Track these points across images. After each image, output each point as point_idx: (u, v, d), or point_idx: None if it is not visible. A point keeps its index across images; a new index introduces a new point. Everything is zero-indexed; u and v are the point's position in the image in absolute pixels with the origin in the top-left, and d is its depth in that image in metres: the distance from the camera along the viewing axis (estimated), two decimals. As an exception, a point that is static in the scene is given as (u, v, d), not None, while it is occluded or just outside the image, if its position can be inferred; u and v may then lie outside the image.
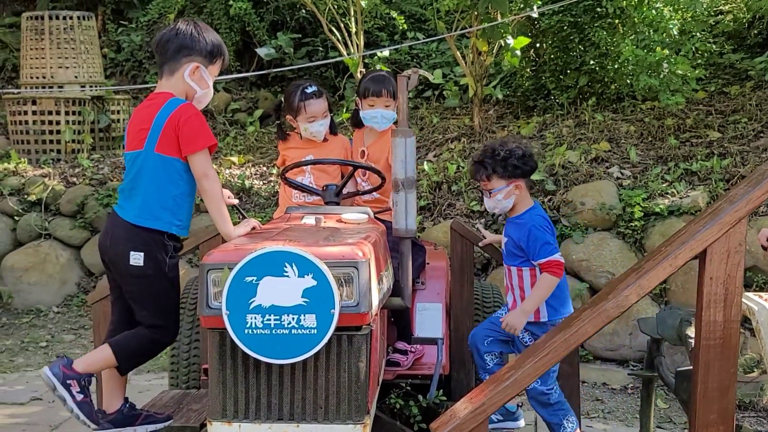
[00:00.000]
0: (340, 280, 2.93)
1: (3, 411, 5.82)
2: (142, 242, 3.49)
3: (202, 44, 3.55)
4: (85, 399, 3.47)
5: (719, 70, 9.24)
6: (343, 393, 3.00)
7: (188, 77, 3.54)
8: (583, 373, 6.11)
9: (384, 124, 4.53)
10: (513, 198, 4.15)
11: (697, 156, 7.48)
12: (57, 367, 3.44)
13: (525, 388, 2.87)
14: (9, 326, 8.01)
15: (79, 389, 3.44)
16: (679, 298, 6.55)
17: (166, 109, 3.45)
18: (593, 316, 2.75)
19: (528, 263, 4.10)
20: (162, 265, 3.52)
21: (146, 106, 3.55)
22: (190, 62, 3.54)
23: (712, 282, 2.77)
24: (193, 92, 3.58)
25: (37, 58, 9.76)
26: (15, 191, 8.82)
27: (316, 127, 4.47)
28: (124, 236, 3.52)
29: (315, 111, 4.44)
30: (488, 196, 4.18)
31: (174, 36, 3.52)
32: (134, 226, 3.50)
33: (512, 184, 4.12)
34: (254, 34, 11.06)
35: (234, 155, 9.17)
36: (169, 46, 3.53)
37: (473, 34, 8.26)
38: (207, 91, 3.62)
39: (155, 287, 3.52)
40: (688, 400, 3.39)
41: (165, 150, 3.45)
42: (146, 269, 3.49)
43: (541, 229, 4.05)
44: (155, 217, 3.49)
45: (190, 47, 3.52)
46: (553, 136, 8.19)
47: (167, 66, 3.55)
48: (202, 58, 3.56)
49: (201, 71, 3.56)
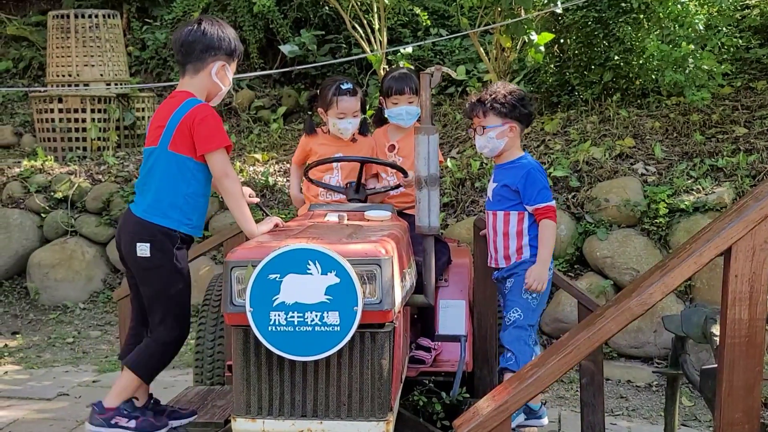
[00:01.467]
0: (363, 277, 2.95)
1: (30, 406, 5.88)
2: (148, 234, 3.52)
3: (226, 43, 3.60)
4: (139, 419, 3.54)
5: (745, 65, 9.16)
6: (366, 390, 3.01)
7: (215, 75, 3.60)
8: (608, 371, 6.09)
9: (409, 121, 4.57)
10: (505, 140, 4.17)
11: (723, 152, 7.42)
12: (95, 419, 3.51)
13: (548, 385, 2.86)
14: (36, 322, 8.09)
15: (127, 419, 3.51)
16: (704, 295, 6.50)
17: (183, 108, 3.48)
18: (617, 314, 2.74)
19: (518, 207, 4.14)
20: (170, 255, 3.52)
21: (166, 103, 3.60)
22: (216, 61, 3.59)
23: (737, 280, 2.75)
24: (218, 89, 3.63)
25: (63, 56, 9.85)
26: (42, 188, 8.90)
27: (343, 125, 4.48)
28: (132, 230, 3.56)
29: (346, 108, 4.46)
30: (481, 133, 4.19)
31: (201, 36, 3.56)
32: (142, 220, 3.54)
33: (507, 125, 4.15)
34: (278, 32, 11.09)
35: (258, 152, 9.20)
36: (196, 47, 3.57)
37: (497, 30, 8.23)
38: (228, 87, 3.70)
39: (164, 279, 3.53)
40: (712, 399, 3.36)
41: (178, 148, 3.48)
42: (153, 260, 3.51)
43: (540, 173, 4.13)
44: (164, 215, 3.53)
45: (217, 47, 3.58)
46: (577, 132, 8.15)
47: (192, 65, 3.60)
48: (226, 56, 3.62)
49: (225, 69, 3.63)
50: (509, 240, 4.17)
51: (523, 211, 4.14)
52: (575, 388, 6.07)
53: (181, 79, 3.67)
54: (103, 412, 3.53)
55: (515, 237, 4.16)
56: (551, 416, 5.52)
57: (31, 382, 6.45)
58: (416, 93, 4.51)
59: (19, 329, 7.91)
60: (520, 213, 4.15)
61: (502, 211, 4.18)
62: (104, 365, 6.84)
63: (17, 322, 8.10)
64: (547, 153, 7.91)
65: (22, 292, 8.63)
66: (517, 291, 4.15)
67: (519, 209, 4.15)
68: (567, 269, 7.09)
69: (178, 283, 3.57)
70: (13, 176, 9.09)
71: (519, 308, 4.13)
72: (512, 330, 4.10)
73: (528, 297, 4.13)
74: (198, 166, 3.53)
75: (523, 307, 4.12)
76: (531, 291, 4.09)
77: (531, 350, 4.08)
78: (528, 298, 4.13)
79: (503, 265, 4.23)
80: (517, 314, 4.11)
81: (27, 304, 8.46)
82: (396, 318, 3.14)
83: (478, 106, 4.18)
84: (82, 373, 6.69)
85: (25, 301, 8.50)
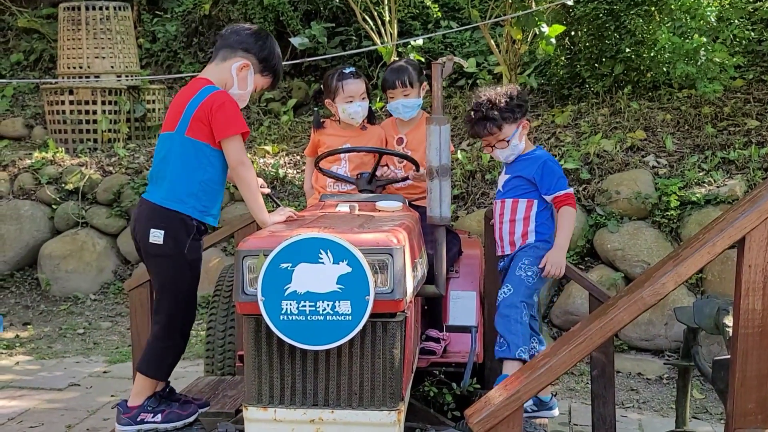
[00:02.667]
0: (374, 266, 2.94)
1: (42, 396, 5.91)
2: (162, 220, 3.48)
3: (263, 50, 3.61)
4: (164, 412, 3.55)
5: (757, 57, 9.10)
6: (377, 379, 3.01)
7: (235, 70, 3.58)
8: (618, 363, 6.08)
9: (407, 113, 4.54)
10: (524, 137, 4.25)
11: (734, 144, 7.39)
12: (121, 419, 3.53)
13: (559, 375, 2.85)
14: (47, 313, 8.12)
15: (152, 414, 3.53)
16: (716, 287, 6.48)
17: (201, 94, 3.47)
18: (629, 303, 2.73)
19: (529, 195, 4.17)
20: (182, 245, 3.49)
21: (185, 89, 3.59)
22: (243, 58, 3.58)
23: (751, 270, 2.74)
24: (232, 85, 3.59)
25: (73, 48, 9.85)
26: (52, 180, 8.92)
27: (354, 108, 4.46)
28: (147, 215, 3.53)
29: (353, 90, 4.45)
30: (504, 146, 4.20)
31: (246, 34, 3.59)
32: (158, 206, 3.50)
33: (521, 125, 4.21)
34: (288, 24, 11.07)
35: (268, 144, 9.21)
36: (235, 37, 3.59)
37: (507, 22, 8.21)
38: (244, 93, 3.64)
39: (172, 268, 3.51)
40: (725, 390, 3.35)
41: (195, 134, 3.46)
42: (165, 248, 3.47)
43: (555, 164, 4.21)
44: (180, 201, 3.49)
45: (251, 46, 3.59)
46: (588, 124, 8.12)
47: (223, 51, 3.61)
48: (256, 61, 3.60)
49: (248, 71, 3.60)
50: (515, 225, 4.19)
51: (533, 199, 4.16)
52: (586, 380, 6.07)
53: (209, 63, 3.68)
54: (128, 411, 3.54)
55: (521, 222, 4.17)
56: (562, 408, 5.52)
57: (43, 373, 6.47)
58: (412, 85, 4.49)
59: (31, 320, 7.95)
60: (529, 200, 4.17)
61: (511, 198, 4.20)
62: (115, 356, 6.86)
63: (28, 313, 8.13)
64: (557, 145, 7.89)
65: (33, 283, 8.66)
66: (512, 270, 4.14)
67: (530, 197, 4.16)
68: (578, 261, 7.07)
69: (186, 275, 3.54)
70: (24, 168, 9.11)
71: (511, 285, 4.09)
72: (501, 310, 4.06)
73: (522, 274, 4.09)
74: (215, 153, 3.50)
75: (516, 283, 4.08)
76: (549, 276, 4.10)
77: (523, 328, 3.99)
78: (522, 275, 4.09)
79: (508, 252, 4.23)
80: (507, 290, 4.08)
81: (38, 295, 8.49)
82: (407, 307, 3.14)
83: (489, 123, 4.14)
84: (93, 363, 6.72)
85: (36, 292, 8.53)
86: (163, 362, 3.58)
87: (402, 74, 4.50)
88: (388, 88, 4.54)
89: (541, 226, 4.17)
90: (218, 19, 11.62)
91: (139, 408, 3.54)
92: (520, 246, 4.19)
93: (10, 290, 8.56)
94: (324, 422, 3.01)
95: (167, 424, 3.52)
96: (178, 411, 3.58)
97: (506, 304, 4.05)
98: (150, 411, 3.53)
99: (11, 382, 6.23)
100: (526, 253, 4.16)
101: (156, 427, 3.51)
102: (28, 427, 5.32)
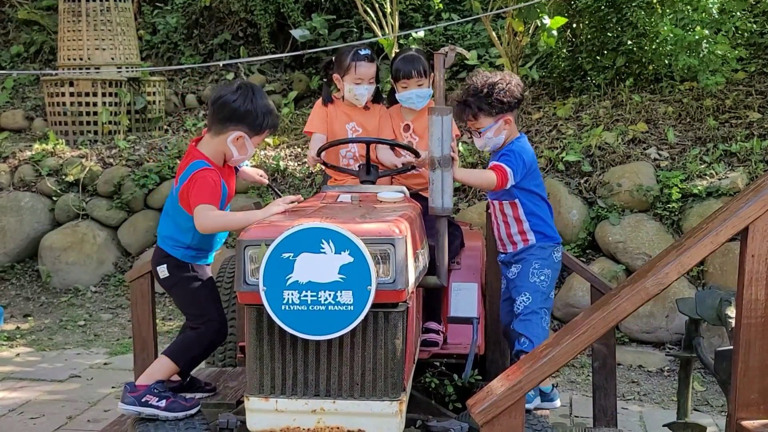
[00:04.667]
0: (376, 256, 2.94)
1: (42, 388, 5.90)
2: (163, 257, 3.78)
3: (252, 116, 3.66)
4: (169, 400, 3.59)
5: (759, 50, 9.08)
6: (379, 370, 3.01)
7: (230, 143, 3.68)
8: (619, 356, 6.06)
9: (420, 103, 4.52)
10: (504, 134, 4.05)
11: (736, 137, 7.38)
12: (126, 397, 3.59)
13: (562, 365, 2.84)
14: (48, 305, 8.12)
15: (157, 398, 3.57)
16: (717, 280, 6.47)
17: (187, 171, 3.65)
18: (632, 293, 2.72)
19: (506, 197, 4.07)
20: (186, 269, 3.75)
21: (188, 151, 3.78)
22: (235, 131, 3.66)
23: (754, 260, 2.73)
24: (231, 155, 3.72)
25: (74, 40, 9.83)
26: (53, 172, 8.91)
27: (360, 90, 4.47)
28: (155, 258, 3.85)
29: (363, 74, 4.45)
30: (478, 135, 4.09)
31: (230, 101, 3.64)
32: (159, 247, 3.84)
33: (500, 120, 4.02)
34: (289, 16, 11.05)
35: (268, 136, 9.18)
36: (223, 110, 3.66)
37: (509, 14, 8.18)
38: (246, 156, 3.77)
39: (187, 289, 3.75)
40: (727, 381, 3.35)
41: (183, 203, 3.68)
42: (172, 278, 3.76)
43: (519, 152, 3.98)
44: (174, 248, 3.77)
45: (240, 118, 3.65)
46: (590, 117, 8.11)
47: (215, 127, 3.71)
48: (249, 129, 3.68)
49: (244, 140, 3.69)
50: (510, 227, 4.14)
51: (511, 199, 4.08)
52: (587, 372, 6.07)
53: (204, 131, 3.80)
54: (135, 391, 3.59)
55: (515, 223, 4.12)
56: (563, 400, 5.52)
57: (43, 364, 6.47)
58: (425, 75, 4.46)
59: (31, 312, 7.94)
60: (512, 202, 4.09)
61: (497, 201, 4.16)
62: (116, 348, 6.86)
63: (29, 305, 8.12)
64: (559, 138, 7.87)
65: (33, 275, 8.65)
66: (525, 276, 4.10)
67: (510, 198, 4.09)
68: (579, 254, 7.07)
69: (201, 290, 3.75)
70: (24, 160, 9.10)
71: (527, 292, 4.06)
72: (524, 316, 4.05)
73: (536, 280, 4.07)
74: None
75: (532, 290, 4.06)
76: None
77: (545, 333, 4.03)
78: (536, 281, 4.07)
79: (511, 250, 4.19)
80: (526, 298, 4.06)
81: (38, 287, 8.49)
82: (409, 298, 3.13)
83: (466, 110, 4.04)
84: (93, 355, 6.72)
85: (36, 284, 8.52)
86: (191, 354, 3.76)
87: (417, 64, 4.46)
88: (402, 78, 4.47)
89: (536, 225, 4.10)
90: (219, 11, 11.60)
91: (146, 389, 3.58)
92: (524, 246, 4.13)
93: (11, 282, 8.56)
94: (325, 412, 3.01)
95: (168, 413, 3.52)
96: (182, 402, 3.59)
97: (527, 311, 4.03)
98: (156, 395, 3.56)
99: (12, 374, 6.22)
100: (534, 256, 4.10)
101: (157, 414, 3.51)
102: (28, 418, 5.32)
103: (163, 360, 3.72)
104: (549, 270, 4.12)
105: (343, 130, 4.54)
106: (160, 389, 3.60)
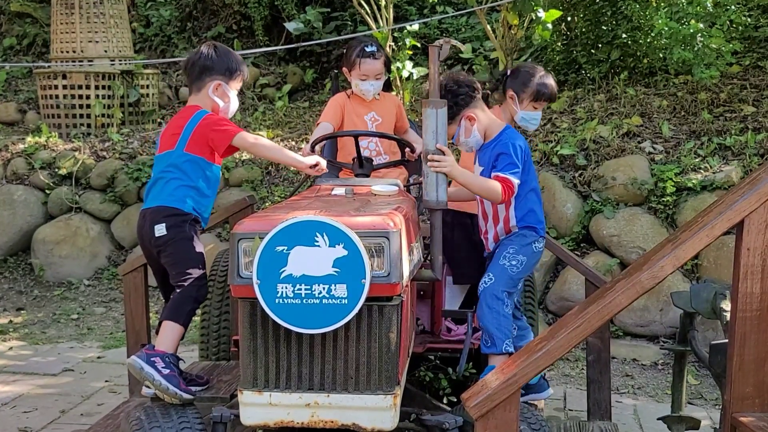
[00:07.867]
0: (371, 250, 2.92)
1: (36, 381, 5.89)
2: (164, 216, 3.82)
3: (221, 64, 3.96)
4: (172, 372, 3.57)
5: (754, 43, 9.08)
6: (373, 363, 2.99)
7: (212, 93, 3.94)
8: (613, 349, 6.06)
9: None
10: (475, 130, 3.86)
11: (731, 130, 7.38)
12: (141, 353, 3.65)
13: (557, 359, 2.84)
14: (41, 299, 8.09)
15: (165, 365, 3.57)
16: (711, 273, 6.47)
17: (196, 117, 3.87)
18: (627, 287, 2.71)
19: None
20: (183, 229, 3.83)
21: (178, 116, 3.98)
22: (212, 81, 3.94)
23: (750, 253, 2.72)
24: (217, 106, 3.96)
25: (67, 32, 9.78)
26: (46, 165, 8.88)
27: (365, 86, 4.53)
28: (150, 218, 3.86)
29: (368, 70, 4.51)
30: (454, 143, 3.98)
31: (197, 59, 3.96)
32: (160, 206, 3.84)
33: (462, 120, 3.85)
34: (283, 9, 11.01)
35: (263, 130, 9.16)
36: (195, 69, 3.96)
37: (504, 7, 8.16)
38: (229, 104, 4.00)
39: (181, 246, 3.81)
40: (721, 374, 3.35)
41: (192, 150, 3.84)
42: (169, 235, 3.80)
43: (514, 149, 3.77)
44: (180, 201, 3.83)
45: (211, 68, 3.94)
46: (584, 110, 8.10)
47: (194, 84, 3.98)
48: (222, 76, 3.96)
49: (223, 87, 3.96)
50: (498, 226, 3.94)
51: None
52: (581, 366, 6.07)
53: (189, 96, 4.07)
54: (151, 349, 3.65)
55: (503, 223, 3.92)
56: (557, 394, 5.53)
57: (36, 358, 6.45)
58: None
59: (24, 305, 7.92)
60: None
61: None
62: (109, 341, 6.84)
63: (22, 299, 8.10)
64: (553, 131, 7.86)
65: (26, 268, 8.63)
66: (496, 258, 3.86)
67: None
68: (573, 247, 7.06)
69: (195, 247, 3.82)
70: (17, 152, 9.06)
71: (492, 273, 3.80)
72: (483, 301, 3.79)
73: (506, 263, 3.81)
74: (208, 165, 3.89)
75: (497, 272, 3.79)
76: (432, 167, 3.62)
77: (506, 320, 3.75)
78: (506, 264, 3.81)
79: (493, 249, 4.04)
80: (488, 278, 3.79)
81: (31, 280, 8.46)
82: (403, 291, 3.12)
83: None
84: (86, 349, 6.70)
85: (29, 278, 8.50)
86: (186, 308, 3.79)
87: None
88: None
89: (521, 220, 3.89)
90: (212, 4, 11.57)
91: (161, 354, 3.61)
92: (505, 236, 3.92)
93: (4, 275, 8.53)
94: (319, 406, 2.99)
95: (163, 380, 3.49)
96: (182, 384, 3.58)
97: (488, 294, 3.77)
98: (165, 362, 3.57)
99: (5, 368, 6.21)
100: (512, 241, 3.88)
101: (153, 379, 3.48)
102: (21, 412, 5.30)
103: (167, 325, 3.73)
104: (524, 257, 3.85)
105: (362, 120, 4.58)
106: (172, 360, 3.61)
